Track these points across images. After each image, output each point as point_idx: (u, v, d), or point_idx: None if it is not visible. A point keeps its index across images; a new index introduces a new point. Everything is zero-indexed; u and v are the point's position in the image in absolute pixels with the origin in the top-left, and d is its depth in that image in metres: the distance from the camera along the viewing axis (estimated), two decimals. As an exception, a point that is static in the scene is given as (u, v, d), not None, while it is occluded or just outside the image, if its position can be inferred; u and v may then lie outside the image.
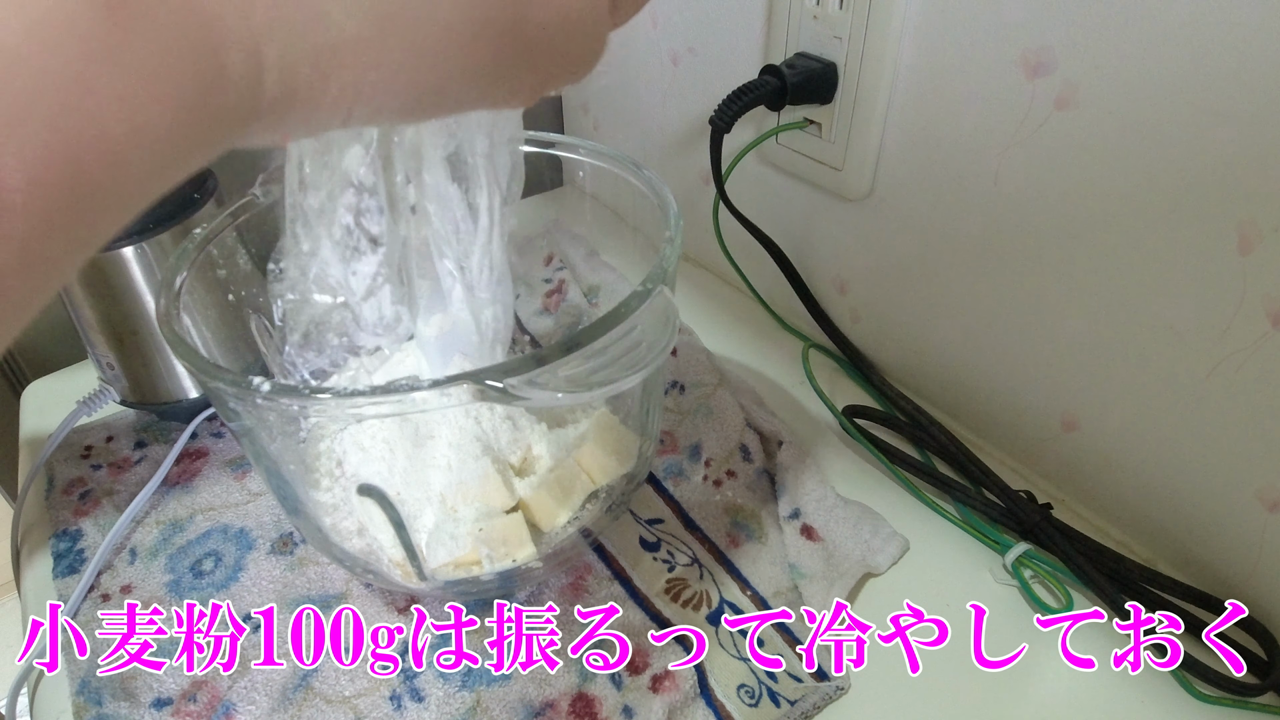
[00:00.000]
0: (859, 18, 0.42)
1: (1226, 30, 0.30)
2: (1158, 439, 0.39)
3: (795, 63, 0.45)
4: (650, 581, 0.40)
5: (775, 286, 0.56)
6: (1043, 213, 0.39)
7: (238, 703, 0.36)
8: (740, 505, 0.44)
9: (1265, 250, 0.32)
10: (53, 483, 0.47)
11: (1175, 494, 0.39)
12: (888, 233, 0.48)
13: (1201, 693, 0.36)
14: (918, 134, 0.43)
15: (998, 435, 0.48)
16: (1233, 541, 0.38)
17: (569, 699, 0.36)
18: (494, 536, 0.36)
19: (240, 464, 0.48)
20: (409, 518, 0.36)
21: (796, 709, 0.35)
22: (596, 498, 0.39)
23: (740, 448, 0.47)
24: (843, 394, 0.52)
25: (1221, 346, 0.35)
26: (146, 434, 0.50)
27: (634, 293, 0.29)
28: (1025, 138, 0.38)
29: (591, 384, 0.27)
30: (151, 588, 0.41)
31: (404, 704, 0.36)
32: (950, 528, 0.44)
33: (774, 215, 0.55)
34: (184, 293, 0.35)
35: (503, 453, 0.38)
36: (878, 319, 0.52)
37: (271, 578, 0.41)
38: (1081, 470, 0.44)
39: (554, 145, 0.43)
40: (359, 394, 0.27)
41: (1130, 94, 0.34)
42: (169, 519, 0.44)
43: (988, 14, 0.37)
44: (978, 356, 0.46)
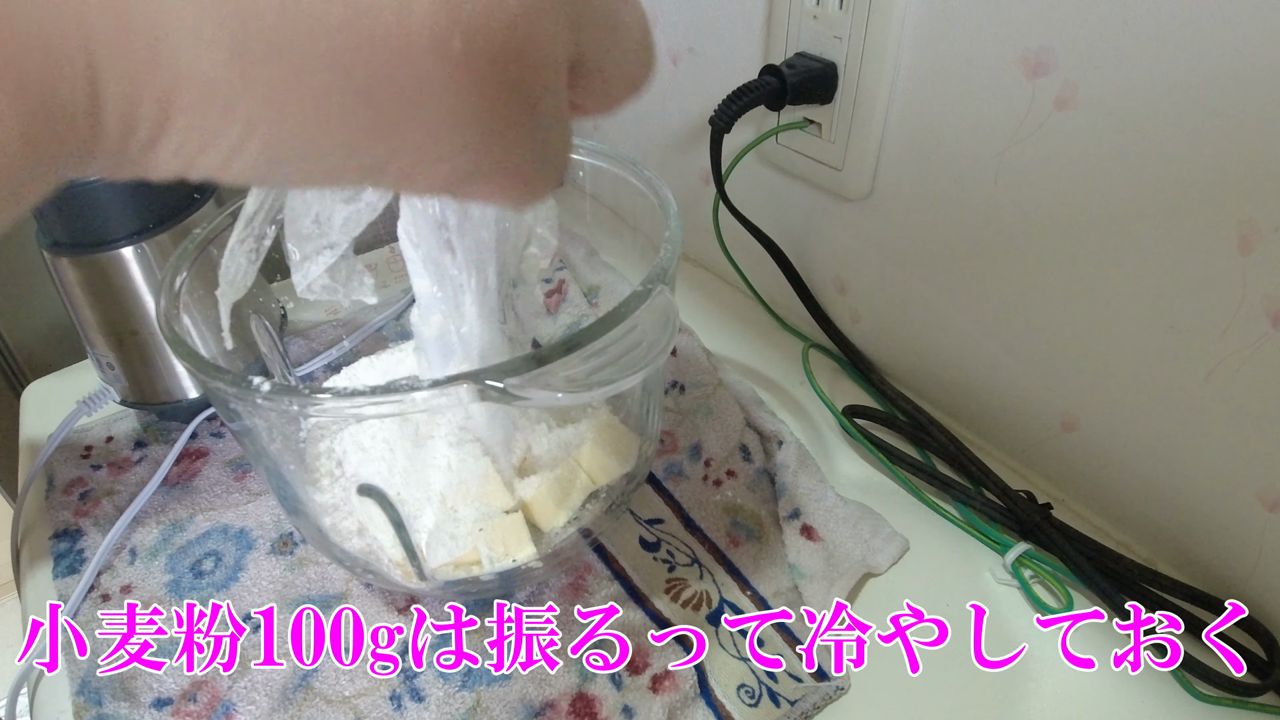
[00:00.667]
0: (859, 18, 0.42)
1: (1226, 30, 0.30)
2: (1158, 439, 0.39)
3: (795, 63, 0.45)
4: (650, 581, 0.40)
5: (775, 286, 0.56)
6: (1043, 213, 0.39)
7: (238, 703, 0.36)
8: (740, 505, 0.44)
9: (1265, 250, 0.32)
10: (53, 483, 0.47)
11: (1175, 494, 0.39)
12: (888, 233, 0.48)
13: (1201, 693, 0.36)
14: (918, 134, 0.43)
15: (998, 435, 0.48)
16: (1233, 541, 0.38)
17: (569, 699, 0.36)
18: (494, 536, 0.36)
19: (240, 464, 0.48)
20: (409, 518, 0.36)
21: (796, 709, 0.35)
22: (596, 498, 0.39)
23: (740, 448, 0.47)
24: (843, 394, 0.52)
25: (1221, 346, 0.35)
26: (146, 434, 0.50)
27: (634, 293, 0.29)
28: (1025, 138, 0.38)
29: (591, 384, 0.27)
30: (151, 588, 0.41)
31: (404, 704, 0.36)
32: (950, 528, 0.44)
33: (774, 215, 0.55)
34: (184, 293, 0.35)
35: (503, 453, 0.38)
36: (878, 319, 0.52)
37: (271, 578, 0.41)
38: (1081, 470, 0.44)
39: (554, 145, 0.43)
40: (359, 394, 0.27)
41: (1130, 94, 0.34)
42: (169, 519, 0.44)
43: (988, 14, 0.37)
44: (978, 356, 0.46)
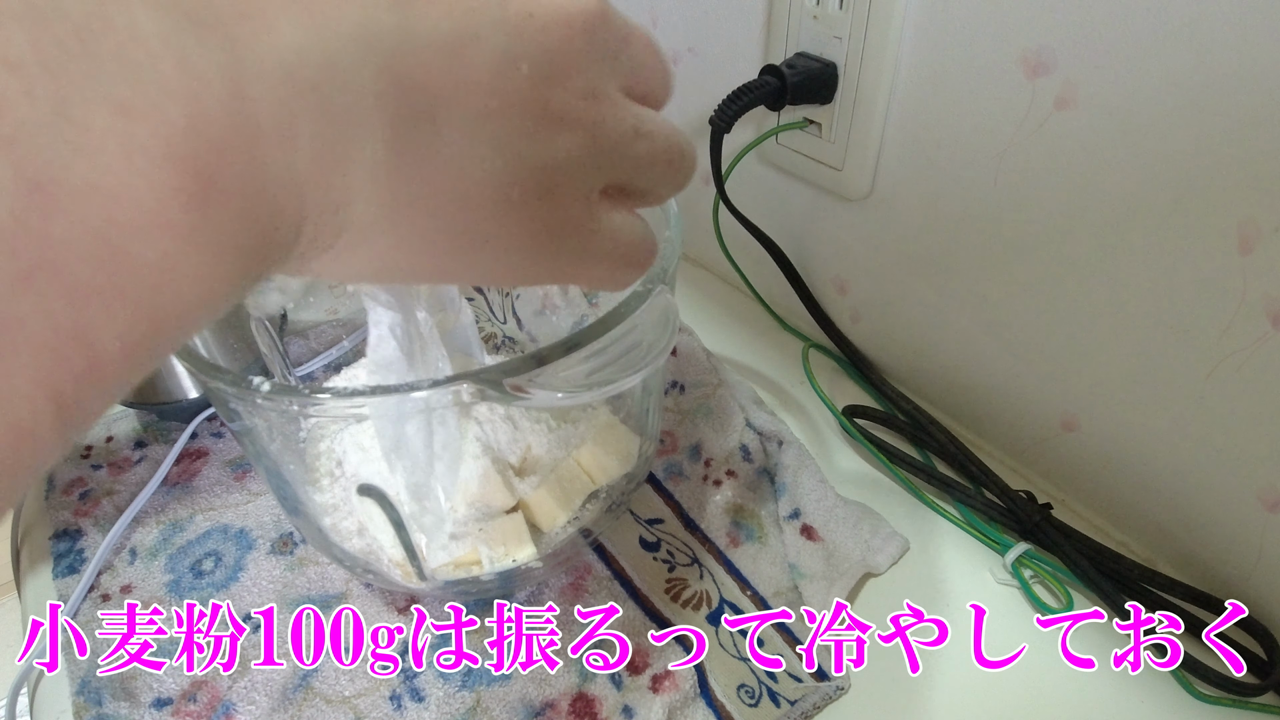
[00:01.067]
0: (859, 18, 0.42)
1: (1226, 30, 0.30)
2: (1158, 439, 0.39)
3: (795, 63, 0.45)
4: (650, 581, 0.40)
5: (775, 286, 0.56)
6: (1043, 212, 0.39)
7: (238, 703, 0.36)
8: (740, 505, 0.44)
9: (1265, 250, 0.32)
10: (53, 483, 0.47)
11: (1175, 494, 0.39)
12: (888, 233, 0.48)
13: (1201, 693, 0.36)
14: (918, 134, 0.43)
15: (998, 435, 0.48)
16: (1233, 541, 0.38)
17: (569, 699, 0.36)
18: (494, 536, 0.36)
19: (240, 464, 0.48)
20: (409, 518, 0.36)
21: (796, 709, 0.35)
22: (596, 498, 0.39)
23: (740, 448, 0.47)
24: (843, 394, 0.52)
25: (1221, 346, 0.35)
26: (146, 434, 0.50)
27: (634, 293, 0.29)
28: (1025, 138, 0.38)
29: (591, 384, 0.27)
30: (151, 588, 0.41)
31: (404, 704, 0.36)
32: (950, 528, 0.44)
33: (774, 215, 0.55)
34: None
35: (503, 453, 0.38)
36: (878, 319, 0.52)
37: (271, 578, 0.41)
38: (1081, 470, 0.44)
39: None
40: (359, 394, 0.27)
41: (1130, 94, 0.34)
42: (169, 519, 0.44)
43: (988, 14, 0.37)
44: (978, 356, 0.46)
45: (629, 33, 0.21)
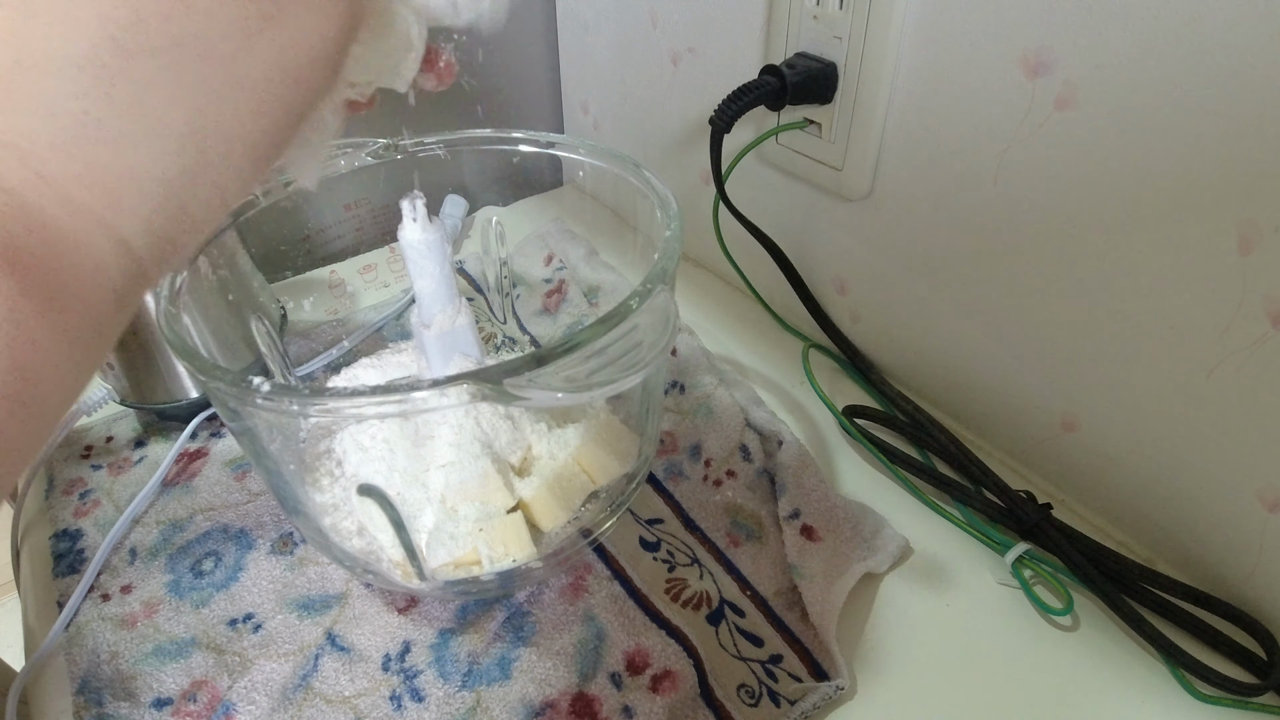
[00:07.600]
0: (859, 18, 0.42)
1: (1226, 30, 0.30)
2: (1158, 439, 0.39)
3: (795, 63, 0.45)
4: (650, 581, 0.40)
5: (775, 286, 0.56)
6: (1042, 213, 0.39)
7: (238, 703, 0.36)
8: (740, 505, 0.44)
9: (1265, 250, 0.32)
10: (53, 483, 0.47)
11: (1175, 494, 0.39)
12: (888, 233, 0.48)
13: (1201, 693, 0.36)
14: (918, 134, 0.43)
15: (998, 435, 0.48)
16: (1232, 541, 0.38)
17: (569, 699, 0.36)
18: (494, 536, 0.36)
19: (240, 464, 0.48)
20: (409, 518, 0.36)
21: (796, 709, 0.35)
22: (596, 498, 0.39)
23: (740, 448, 0.47)
24: (843, 394, 0.52)
25: (1221, 346, 0.35)
26: (146, 434, 0.50)
27: (634, 293, 0.29)
28: (1025, 138, 0.38)
29: (591, 384, 0.27)
30: (151, 588, 0.41)
31: (404, 704, 0.36)
32: (950, 528, 0.44)
33: (774, 215, 0.55)
34: (184, 293, 0.35)
35: (503, 453, 0.38)
36: (878, 319, 0.52)
37: (271, 578, 0.41)
38: (1081, 470, 0.44)
39: (554, 145, 0.43)
40: (359, 394, 0.27)
41: (1130, 94, 0.34)
42: (169, 519, 0.44)
43: (988, 14, 0.37)
44: (978, 356, 0.46)
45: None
